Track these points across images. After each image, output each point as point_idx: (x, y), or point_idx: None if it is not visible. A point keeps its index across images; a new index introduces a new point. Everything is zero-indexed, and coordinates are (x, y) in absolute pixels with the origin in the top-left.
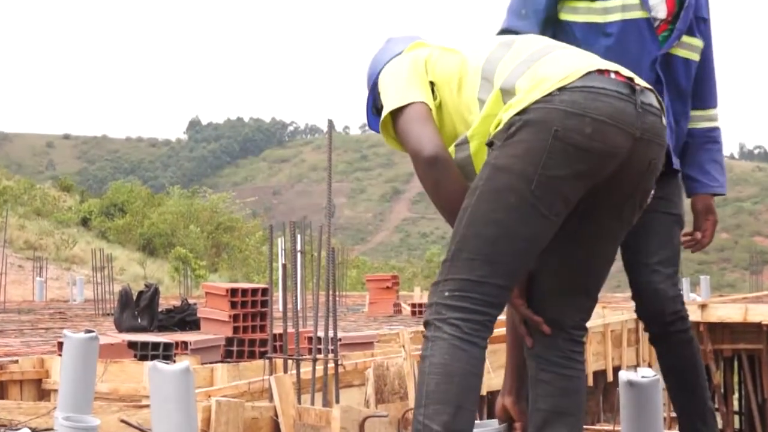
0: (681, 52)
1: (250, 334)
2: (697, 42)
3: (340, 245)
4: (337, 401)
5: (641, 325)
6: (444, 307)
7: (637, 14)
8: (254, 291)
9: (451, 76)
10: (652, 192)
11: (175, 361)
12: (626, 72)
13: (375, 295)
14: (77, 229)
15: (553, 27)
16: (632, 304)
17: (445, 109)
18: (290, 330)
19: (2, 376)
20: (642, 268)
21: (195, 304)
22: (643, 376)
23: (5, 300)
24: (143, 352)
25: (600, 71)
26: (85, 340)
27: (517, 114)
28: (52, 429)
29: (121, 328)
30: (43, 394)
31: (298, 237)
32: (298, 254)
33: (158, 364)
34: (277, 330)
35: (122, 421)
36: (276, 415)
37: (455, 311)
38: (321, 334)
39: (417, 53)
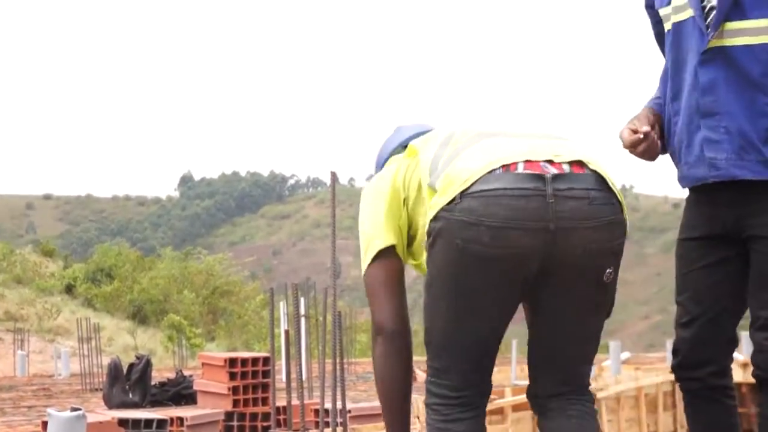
0: (738, 41)
1: (251, 407)
2: (760, 23)
3: (348, 308)
4: None
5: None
6: (428, 393)
7: (686, 14)
8: (255, 360)
9: (417, 183)
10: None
11: None
12: (542, 155)
13: None
14: (61, 297)
15: None
16: (667, 365)
17: (414, 212)
18: (295, 402)
19: None
20: (754, 320)
21: (191, 376)
22: None
23: None
24: (135, 430)
25: (505, 166)
26: (71, 419)
27: (432, 221)
28: None
29: (110, 404)
30: None
31: (302, 300)
32: (302, 319)
33: None
34: (281, 402)
35: None
36: None
37: (433, 397)
38: (328, 405)
39: (393, 174)
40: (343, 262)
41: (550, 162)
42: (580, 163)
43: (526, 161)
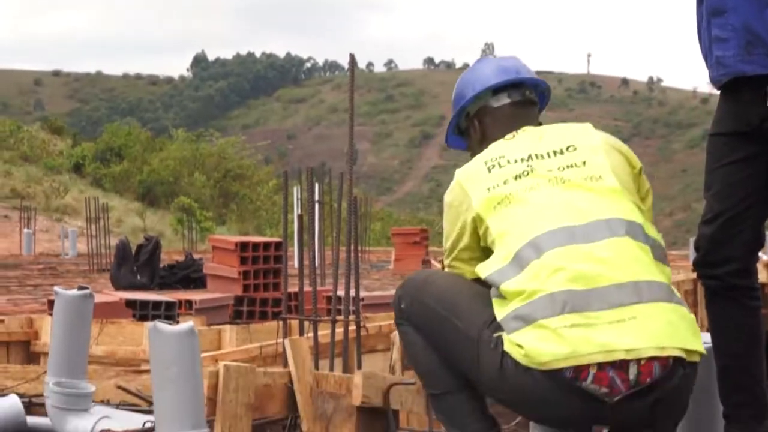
0: None
1: (262, 292)
2: None
3: (363, 195)
4: (359, 367)
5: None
6: None
7: None
8: (267, 245)
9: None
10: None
11: (178, 322)
12: (638, 349)
13: (401, 250)
14: (69, 176)
15: None
16: (689, 263)
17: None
18: (307, 288)
19: None
20: None
21: (201, 259)
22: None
23: None
24: (143, 312)
25: (577, 370)
26: (78, 298)
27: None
28: (42, 395)
29: (118, 285)
30: (32, 357)
31: (316, 186)
32: (316, 205)
33: (160, 324)
34: (293, 288)
35: (119, 387)
36: (291, 382)
37: None
38: (341, 293)
39: (461, 210)
40: (360, 148)
41: (639, 363)
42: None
43: (603, 366)
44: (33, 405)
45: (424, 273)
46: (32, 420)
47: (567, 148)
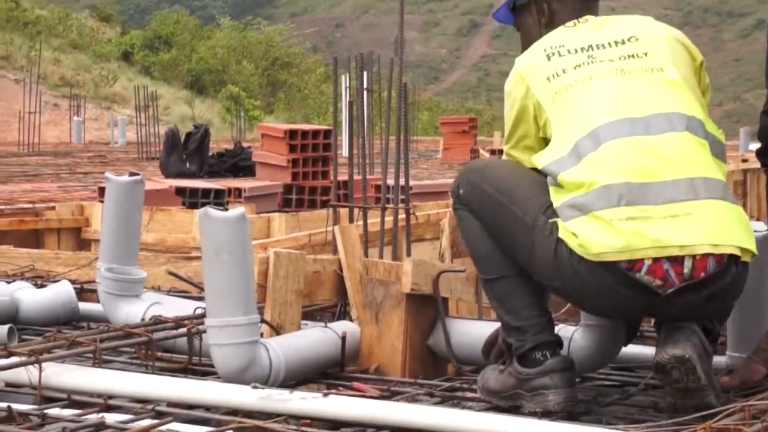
0: None
1: (311, 181)
2: None
3: (411, 84)
4: (408, 255)
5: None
6: None
7: None
8: (315, 133)
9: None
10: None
11: (227, 210)
12: (691, 244)
13: (450, 139)
14: (118, 64)
15: None
16: (738, 153)
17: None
18: (356, 177)
19: (38, 223)
20: None
21: (249, 147)
22: (756, 230)
23: (40, 141)
24: (192, 200)
25: (630, 263)
26: (129, 184)
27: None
28: (93, 281)
29: (167, 173)
30: (83, 243)
31: (365, 74)
32: (365, 93)
33: (210, 210)
34: (341, 177)
35: (170, 273)
36: (340, 269)
37: None
38: (390, 182)
39: (522, 97)
40: (408, 37)
41: (694, 258)
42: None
43: (658, 259)
44: (84, 291)
45: (484, 161)
46: (84, 306)
47: (628, 39)
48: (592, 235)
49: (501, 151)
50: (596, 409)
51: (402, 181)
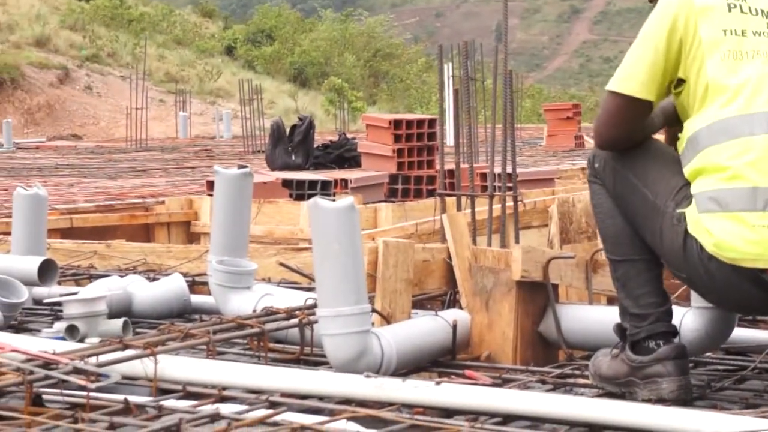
0: None
1: (416, 170)
2: None
3: (513, 72)
4: (517, 242)
5: None
6: None
7: None
8: (420, 123)
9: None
10: None
11: (335, 201)
12: None
13: (554, 126)
14: (221, 58)
15: None
16: None
17: (687, 67)
18: (463, 165)
19: (149, 218)
20: None
21: (354, 138)
22: None
23: (147, 137)
24: (299, 191)
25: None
26: (238, 177)
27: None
28: (204, 274)
29: (273, 165)
30: (192, 237)
31: (468, 62)
32: (467, 81)
33: (320, 200)
34: (447, 165)
35: (281, 264)
36: (449, 258)
37: None
38: (497, 169)
39: (672, 22)
40: (510, 24)
41: None
42: None
43: None
44: (196, 284)
45: None
46: (196, 298)
47: None
48: (730, 238)
49: None
50: (710, 394)
51: (509, 169)
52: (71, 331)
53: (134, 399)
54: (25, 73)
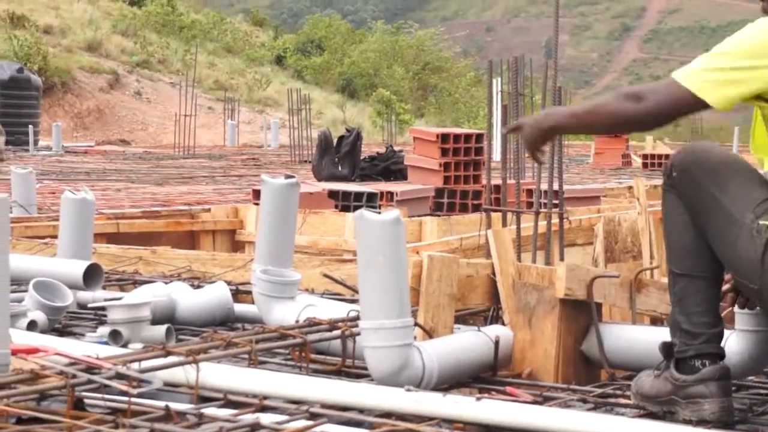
0: None
1: (462, 185)
2: None
3: (562, 88)
4: (562, 260)
5: None
6: None
7: None
8: (468, 137)
9: None
10: None
11: (381, 213)
12: None
13: (601, 144)
14: (271, 67)
15: None
16: None
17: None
18: (509, 181)
19: (194, 225)
20: None
21: (401, 151)
22: None
23: (195, 144)
24: (345, 203)
25: None
26: (285, 187)
27: None
28: (248, 283)
29: (320, 176)
30: (237, 245)
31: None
32: (516, 97)
33: (366, 212)
34: (494, 181)
35: (325, 275)
36: (493, 273)
37: None
38: (543, 186)
39: None
40: (559, 40)
41: None
42: None
43: None
44: (240, 292)
45: (701, 144)
46: (239, 307)
47: None
48: None
49: (653, 156)
50: (751, 418)
51: (555, 186)
52: (115, 336)
53: (175, 406)
54: (75, 78)
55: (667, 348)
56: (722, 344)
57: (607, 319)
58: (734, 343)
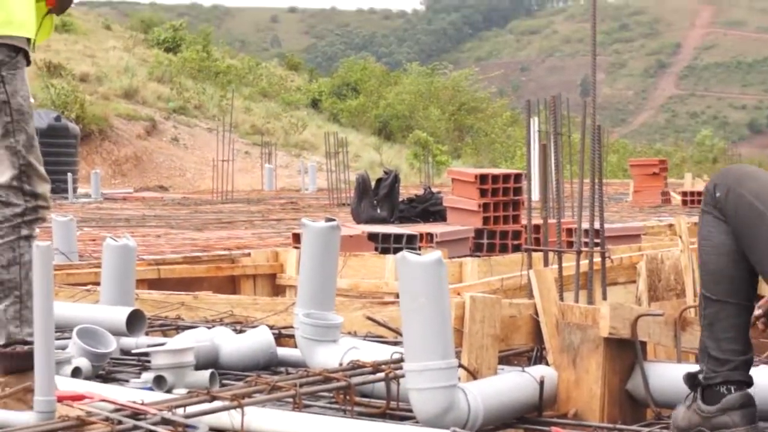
0: None
1: (502, 225)
2: None
3: (601, 127)
4: (605, 298)
5: None
6: None
7: None
8: (506, 177)
9: None
10: None
11: (421, 254)
12: None
13: (640, 182)
14: (307, 111)
15: None
16: None
17: None
18: (550, 221)
19: (235, 270)
20: None
21: (439, 192)
22: None
23: (233, 189)
24: (384, 245)
25: None
26: (326, 230)
27: None
28: (291, 327)
29: (359, 219)
30: (278, 289)
31: (552, 117)
32: (555, 136)
33: (408, 254)
34: (533, 220)
35: (368, 318)
36: (536, 313)
37: None
38: (584, 225)
39: None
40: (596, 79)
41: None
42: None
43: None
44: (282, 336)
45: (745, 167)
46: (282, 351)
47: None
48: None
49: (692, 193)
50: None
51: (596, 224)
52: (159, 382)
53: None
54: (113, 125)
55: (691, 379)
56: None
57: (652, 357)
58: (766, 376)
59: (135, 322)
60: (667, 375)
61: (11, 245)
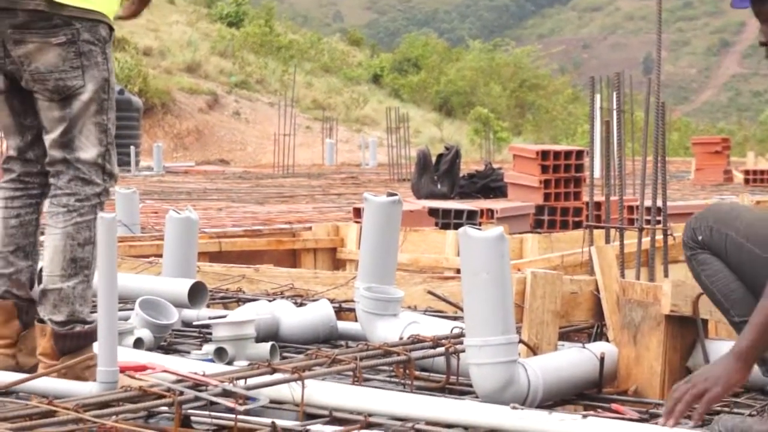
0: None
1: (563, 201)
2: None
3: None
4: (666, 276)
5: None
6: None
7: None
8: (568, 154)
9: None
10: None
11: (482, 230)
12: None
13: (702, 160)
14: (368, 86)
15: None
16: None
17: None
18: (612, 197)
19: (295, 243)
20: None
21: (500, 168)
22: None
23: (294, 163)
24: (445, 220)
25: None
26: (387, 204)
27: None
28: (351, 301)
29: (419, 194)
30: (338, 263)
31: (614, 94)
32: (618, 114)
33: (470, 229)
34: (595, 197)
35: (429, 292)
36: (597, 290)
37: None
38: (647, 203)
39: None
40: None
41: None
42: None
43: None
44: (342, 310)
45: (725, 205)
46: (342, 324)
47: None
48: None
49: (755, 172)
50: None
51: (659, 202)
52: (220, 354)
53: (281, 423)
54: (175, 99)
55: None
56: None
57: (713, 335)
58: None
59: (196, 294)
60: None
61: (89, 224)
